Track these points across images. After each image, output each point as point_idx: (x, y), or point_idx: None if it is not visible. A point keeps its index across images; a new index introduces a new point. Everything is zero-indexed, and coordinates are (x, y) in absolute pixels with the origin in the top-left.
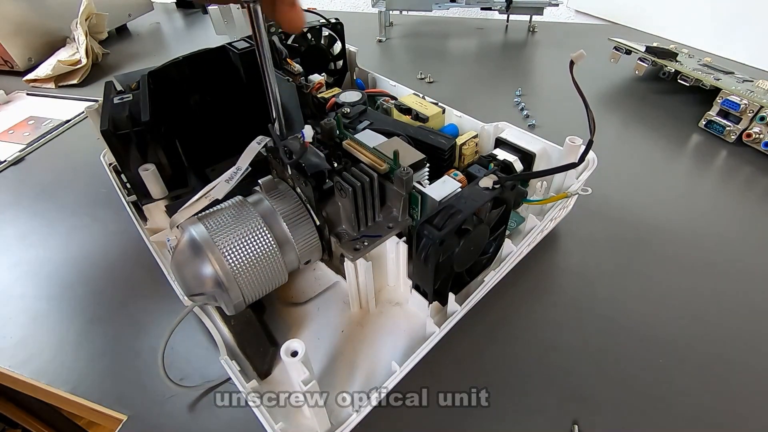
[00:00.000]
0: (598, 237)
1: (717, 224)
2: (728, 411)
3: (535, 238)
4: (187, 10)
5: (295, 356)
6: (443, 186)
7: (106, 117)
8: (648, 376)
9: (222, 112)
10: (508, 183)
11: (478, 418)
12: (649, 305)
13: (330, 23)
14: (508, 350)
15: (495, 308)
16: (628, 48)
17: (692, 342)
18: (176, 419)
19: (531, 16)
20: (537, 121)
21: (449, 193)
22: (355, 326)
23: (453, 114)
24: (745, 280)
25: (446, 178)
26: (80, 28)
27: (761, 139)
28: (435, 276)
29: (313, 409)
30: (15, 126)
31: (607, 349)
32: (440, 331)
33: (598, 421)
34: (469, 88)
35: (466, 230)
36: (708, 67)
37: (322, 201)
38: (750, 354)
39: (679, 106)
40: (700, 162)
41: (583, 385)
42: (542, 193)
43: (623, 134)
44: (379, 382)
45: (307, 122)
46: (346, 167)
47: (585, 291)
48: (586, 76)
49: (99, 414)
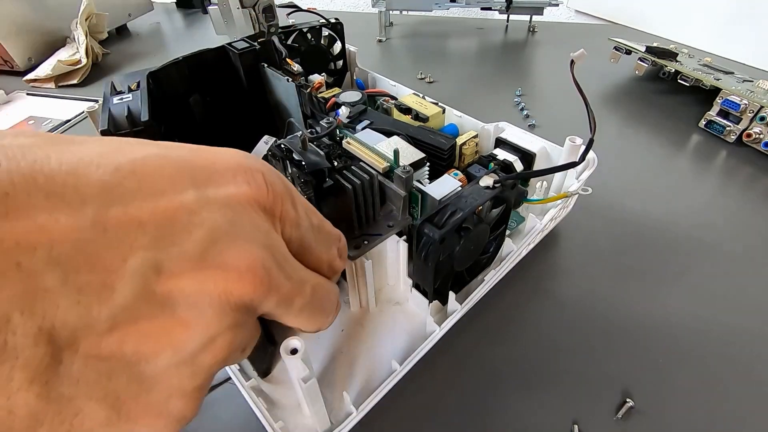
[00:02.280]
0: (598, 236)
1: (717, 224)
2: (728, 411)
3: (536, 238)
4: (187, 10)
5: (295, 354)
6: (443, 185)
7: (105, 117)
8: (648, 376)
9: (222, 112)
10: (509, 182)
11: (478, 418)
12: (649, 305)
13: (330, 23)
14: (508, 349)
15: (495, 307)
16: (628, 48)
17: (693, 342)
18: None
19: (531, 16)
20: (537, 121)
21: (449, 192)
22: (355, 325)
23: (453, 114)
24: (745, 279)
25: (446, 177)
26: (80, 28)
27: (761, 139)
28: (435, 275)
29: (313, 408)
30: (15, 126)
31: (607, 349)
32: (440, 330)
33: (599, 421)
34: (469, 88)
35: (467, 229)
36: (708, 67)
37: (322, 199)
38: (750, 354)
39: (679, 106)
40: (700, 162)
41: (583, 385)
42: (542, 193)
43: (623, 134)
44: (379, 381)
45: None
46: (346, 166)
47: (585, 290)
48: (586, 76)
49: None
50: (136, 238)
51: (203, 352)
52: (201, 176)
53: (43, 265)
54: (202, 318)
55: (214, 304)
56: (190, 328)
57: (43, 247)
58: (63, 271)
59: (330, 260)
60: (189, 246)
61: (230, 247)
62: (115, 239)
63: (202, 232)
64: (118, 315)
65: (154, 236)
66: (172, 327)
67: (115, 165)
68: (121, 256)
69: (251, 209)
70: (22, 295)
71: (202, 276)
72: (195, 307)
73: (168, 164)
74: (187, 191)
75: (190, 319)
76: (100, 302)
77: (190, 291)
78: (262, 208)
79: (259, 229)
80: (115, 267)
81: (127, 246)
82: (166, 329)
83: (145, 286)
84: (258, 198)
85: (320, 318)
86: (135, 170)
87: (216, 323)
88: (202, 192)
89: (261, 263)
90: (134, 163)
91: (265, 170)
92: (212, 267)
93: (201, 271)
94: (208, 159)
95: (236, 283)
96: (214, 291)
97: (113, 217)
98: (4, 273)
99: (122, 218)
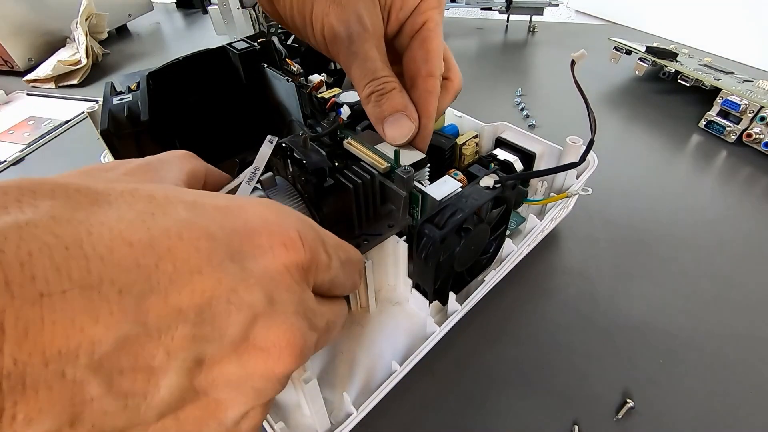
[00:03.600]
0: (598, 237)
1: (717, 224)
2: (729, 411)
3: (536, 238)
4: (187, 10)
5: None
6: (444, 185)
7: (105, 117)
8: (648, 376)
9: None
10: (509, 182)
11: (478, 418)
12: (649, 305)
13: None
14: (508, 349)
15: (495, 308)
16: (628, 48)
17: (692, 342)
18: None
19: (531, 16)
20: (537, 121)
21: (450, 193)
22: (355, 325)
23: (453, 114)
24: (745, 279)
25: (447, 178)
26: (80, 28)
27: (761, 139)
28: (435, 275)
29: (313, 408)
30: (15, 126)
31: (607, 349)
32: (440, 330)
33: (599, 421)
34: (469, 88)
35: (467, 229)
36: (708, 67)
37: (323, 199)
38: (750, 354)
39: (679, 106)
40: (700, 162)
41: (583, 385)
42: (543, 194)
43: (623, 134)
44: (379, 382)
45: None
46: (347, 165)
47: (585, 291)
48: (586, 76)
49: None
50: (177, 327)
51: (244, 419)
52: (236, 245)
53: (88, 373)
54: (244, 397)
55: (256, 385)
56: (231, 407)
57: (85, 352)
58: (107, 375)
59: (354, 284)
60: (230, 331)
61: (270, 327)
62: (156, 332)
63: (242, 316)
64: (164, 409)
65: (194, 323)
66: (216, 408)
67: (148, 241)
68: (164, 349)
69: (289, 277)
70: (69, 407)
71: (244, 360)
72: (237, 389)
73: (202, 236)
74: (224, 266)
75: (232, 398)
76: (147, 401)
77: (231, 375)
78: (298, 269)
79: (295, 296)
80: (158, 362)
81: (169, 338)
82: (210, 410)
83: (190, 378)
84: (296, 261)
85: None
86: (171, 248)
87: (255, 399)
88: (240, 265)
89: (300, 334)
90: (169, 237)
91: (300, 226)
92: (253, 349)
93: (242, 355)
94: (240, 218)
95: (277, 361)
96: (255, 372)
97: (153, 309)
98: (50, 387)
99: (162, 309)
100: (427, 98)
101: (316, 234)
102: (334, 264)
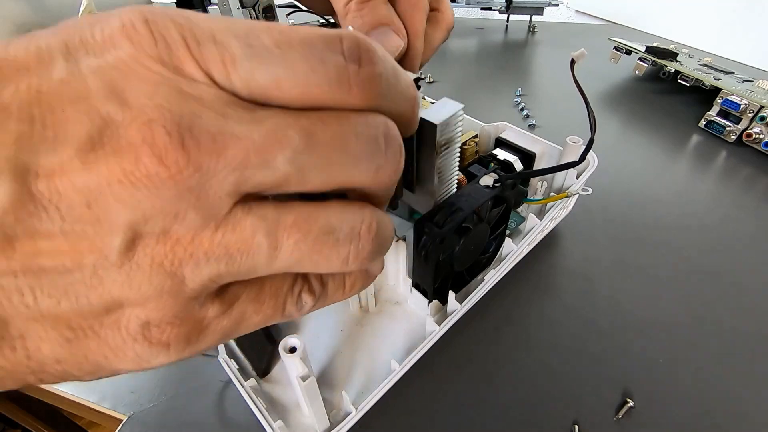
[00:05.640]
0: (598, 236)
1: (717, 224)
2: (729, 411)
3: (536, 238)
4: None
5: (294, 352)
6: (443, 108)
7: None
8: (648, 376)
9: None
10: (509, 181)
11: (478, 418)
12: (649, 305)
13: (330, 23)
14: (508, 349)
15: (495, 307)
16: (628, 48)
17: (693, 342)
18: (176, 419)
19: (531, 16)
20: (537, 121)
21: (449, 116)
22: (354, 325)
23: None
24: (745, 279)
25: (445, 100)
26: None
27: (761, 139)
28: (435, 274)
29: (312, 407)
30: None
31: (607, 348)
32: (440, 329)
33: (599, 421)
34: (469, 88)
35: (467, 228)
36: (708, 67)
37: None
38: (750, 354)
39: (679, 106)
40: (700, 162)
41: (583, 385)
42: (543, 193)
43: (623, 134)
44: (379, 381)
45: None
46: None
47: (585, 290)
48: (586, 76)
49: (99, 414)
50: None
51: (128, 255)
52: (75, 41)
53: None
54: (113, 215)
55: (118, 194)
56: (106, 229)
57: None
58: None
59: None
60: (70, 133)
61: (120, 125)
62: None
63: (81, 115)
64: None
65: (20, 119)
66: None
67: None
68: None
69: (139, 66)
70: None
71: (92, 166)
72: (97, 200)
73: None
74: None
75: (94, 215)
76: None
77: (79, 183)
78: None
79: (151, 86)
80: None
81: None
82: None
83: (22, 184)
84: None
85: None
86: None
87: (131, 214)
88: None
89: (163, 123)
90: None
91: (150, 16)
92: (101, 151)
93: (88, 161)
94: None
95: (136, 161)
96: (111, 178)
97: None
98: None
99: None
100: (413, 13)
101: (175, 26)
102: (238, 56)
